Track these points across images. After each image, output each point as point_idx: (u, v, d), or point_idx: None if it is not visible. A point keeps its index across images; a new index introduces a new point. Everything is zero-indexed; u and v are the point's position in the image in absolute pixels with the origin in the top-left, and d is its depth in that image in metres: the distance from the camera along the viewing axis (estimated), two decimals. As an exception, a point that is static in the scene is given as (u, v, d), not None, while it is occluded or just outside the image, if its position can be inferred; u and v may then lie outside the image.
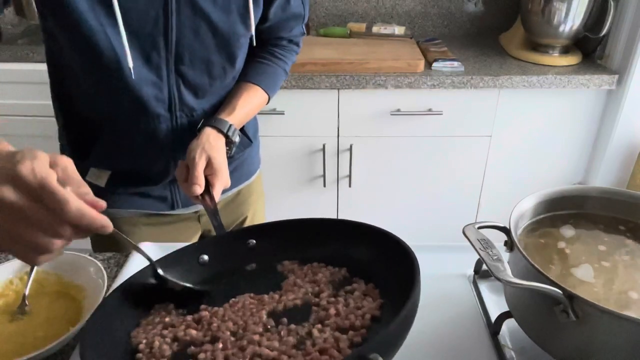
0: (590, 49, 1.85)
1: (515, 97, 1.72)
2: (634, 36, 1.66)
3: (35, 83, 1.74)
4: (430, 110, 1.72)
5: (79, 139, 0.95)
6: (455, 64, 1.73)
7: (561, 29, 1.75)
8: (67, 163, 0.50)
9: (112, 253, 0.88)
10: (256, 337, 0.60)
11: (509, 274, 0.56)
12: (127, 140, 0.91)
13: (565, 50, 1.83)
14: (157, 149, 0.91)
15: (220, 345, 0.59)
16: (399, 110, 1.73)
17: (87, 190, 0.50)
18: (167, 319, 0.65)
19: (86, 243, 1.98)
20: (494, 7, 2.12)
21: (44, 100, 1.81)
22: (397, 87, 1.67)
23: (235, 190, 1.09)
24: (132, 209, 0.99)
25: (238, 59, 0.91)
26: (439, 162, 1.83)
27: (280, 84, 1.03)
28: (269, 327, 0.62)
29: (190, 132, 0.87)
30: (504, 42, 1.99)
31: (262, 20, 0.92)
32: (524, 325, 0.64)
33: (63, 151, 0.98)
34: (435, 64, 1.73)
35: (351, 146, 1.79)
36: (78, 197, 0.48)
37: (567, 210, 0.74)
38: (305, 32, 1.05)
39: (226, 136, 0.87)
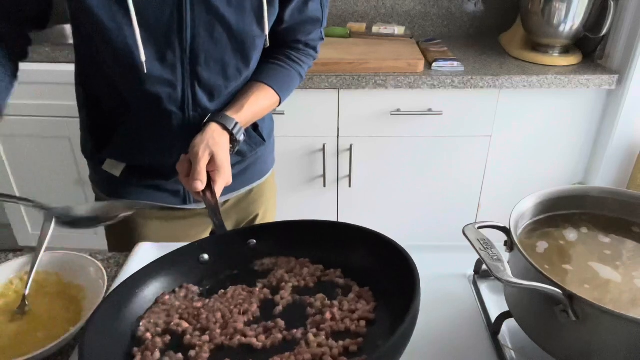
0: (590, 49, 1.85)
1: (515, 97, 1.72)
2: (634, 36, 1.66)
3: (36, 83, 1.74)
4: (430, 110, 1.72)
5: (98, 129, 0.96)
6: (455, 64, 1.73)
7: (561, 29, 1.75)
8: None
9: (112, 253, 0.88)
10: (239, 326, 0.61)
11: (509, 274, 0.56)
12: (140, 135, 0.92)
13: (565, 50, 1.83)
14: (168, 146, 0.92)
15: (207, 337, 0.60)
16: (399, 110, 1.73)
17: None
18: (177, 303, 0.66)
19: (88, 243, 1.98)
20: (494, 7, 2.12)
21: (44, 100, 1.82)
22: (397, 87, 1.67)
23: (247, 188, 1.09)
24: (145, 201, 1.00)
25: (252, 60, 0.91)
26: (439, 162, 1.83)
27: (294, 87, 1.02)
28: (254, 317, 0.63)
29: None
30: (504, 42, 1.99)
31: (278, 22, 0.92)
32: (524, 325, 0.64)
33: (84, 140, 1.00)
34: (435, 64, 1.73)
35: (351, 146, 1.79)
36: None
37: (567, 210, 0.74)
38: (324, 37, 1.03)
39: (231, 134, 0.86)
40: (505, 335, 0.69)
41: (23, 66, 0.86)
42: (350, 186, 1.87)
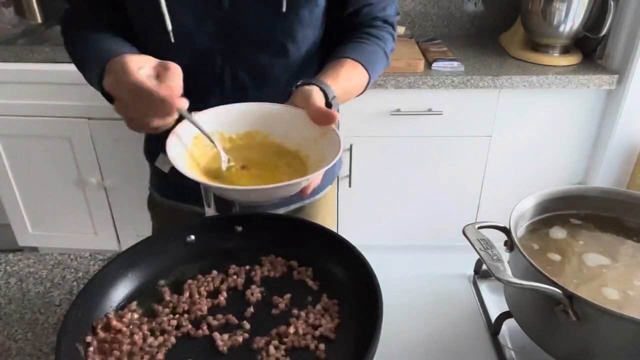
0: (590, 49, 1.85)
1: (515, 97, 1.72)
2: (634, 36, 1.66)
3: (36, 83, 1.74)
4: (430, 110, 1.72)
5: None
6: (455, 64, 1.73)
7: (561, 29, 1.75)
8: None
9: (113, 253, 0.88)
10: (204, 312, 0.63)
11: (509, 274, 0.56)
12: None
13: (565, 50, 1.83)
14: None
15: (175, 322, 0.62)
16: (398, 110, 1.73)
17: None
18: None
19: (87, 243, 1.95)
20: (494, 7, 2.11)
21: (44, 100, 1.82)
22: (397, 87, 1.66)
23: (295, 206, 0.99)
24: (195, 206, 0.93)
25: (300, 36, 0.82)
26: (439, 162, 1.83)
27: (382, 67, 0.90)
28: (221, 306, 0.65)
29: None
30: (504, 42, 1.99)
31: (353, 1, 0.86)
32: (524, 325, 0.64)
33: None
34: (435, 64, 1.73)
35: (351, 146, 1.79)
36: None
37: (567, 210, 0.74)
38: (399, 13, 0.96)
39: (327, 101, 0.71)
40: (505, 335, 0.69)
41: (23, 66, 0.86)
42: (350, 186, 1.87)
